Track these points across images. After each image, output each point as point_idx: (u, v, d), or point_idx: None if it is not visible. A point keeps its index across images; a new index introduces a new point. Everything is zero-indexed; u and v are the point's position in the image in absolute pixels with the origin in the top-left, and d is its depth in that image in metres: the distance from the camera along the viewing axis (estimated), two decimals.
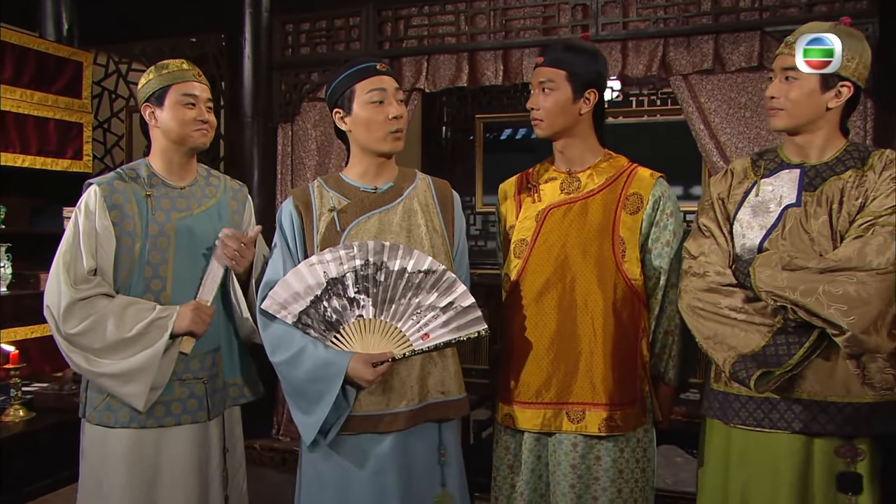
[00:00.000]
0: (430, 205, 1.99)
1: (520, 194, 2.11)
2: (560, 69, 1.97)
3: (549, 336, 1.96)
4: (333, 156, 3.76)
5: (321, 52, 3.82)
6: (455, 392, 1.94)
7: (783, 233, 1.79)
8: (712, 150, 3.22)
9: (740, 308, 1.77)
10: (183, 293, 2.05)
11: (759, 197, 1.85)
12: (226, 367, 2.14)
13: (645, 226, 1.98)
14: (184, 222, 2.07)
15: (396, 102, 1.92)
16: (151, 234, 2.02)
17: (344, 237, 1.88)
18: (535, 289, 1.99)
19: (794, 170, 1.84)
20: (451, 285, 1.83)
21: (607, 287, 1.94)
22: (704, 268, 1.84)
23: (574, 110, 1.98)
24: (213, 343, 2.10)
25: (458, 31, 3.55)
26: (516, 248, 2.05)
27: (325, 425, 1.83)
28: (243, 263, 2.08)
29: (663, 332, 2.02)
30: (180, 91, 2.06)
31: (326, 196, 1.94)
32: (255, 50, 3.83)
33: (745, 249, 1.83)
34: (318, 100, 3.80)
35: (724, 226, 1.88)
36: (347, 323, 1.82)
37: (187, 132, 2.06)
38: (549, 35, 3.41)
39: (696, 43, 3.19)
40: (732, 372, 1.73)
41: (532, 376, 1.98)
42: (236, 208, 2.20)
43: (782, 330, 1.73)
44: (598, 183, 2.01)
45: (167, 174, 2.11)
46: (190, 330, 1.99)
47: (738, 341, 1.76)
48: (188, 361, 2.04)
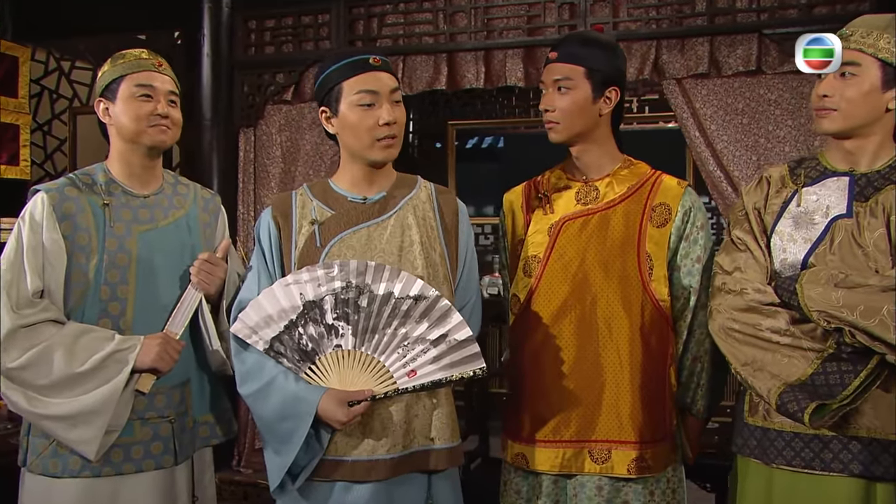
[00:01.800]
0: (430, 218, 1.79)
1: (528, 205, 1.95)
2: (578, 65, 1.81)
3: (568, 364, 1.80)
4: (300, 163, 3.59)
5: (287, 51, 3.65)
6: (447, 439, 1.71)
7: (832, 247, 1.65)
8: (708, 159, 3.12)
9: (785, 330, 1.61)
10: (146, 319, 1.83)
11: (802, 207, 1.71)
12: (196, 403, 1.92)
13: (674, 240, 1.84)
14: (147, 236, 1.86)
15: (390, 105, 1.71)
16: (109, 250, 1.81)
17: (324, 255, 1.70)
18: (549, 311, 1.83)
19: (842, 178, 1.70)
20: (444, 314, 1.65)
21: (633, 309, 1.79)
22: (741, 284, 1.68)
23: (594, 111, 1.83)
24: (182, 375, 1.88)
25: (436, 30, 3.42)
26: (526, 265, 1.89)
27: (296, 468, 1.65)
28: (214, 283, 1.87)
29: (691, 359, 1.88)
30: (134, 82, 1.86)
31: (309, 206, 1.77)
32: (214, 48, 3.63)
33: (787, 265, 1.69)
34: (283, 102, 3.63)
35: (760, 239, 1.74)
36: (324, 353, 1.66)
37: (141, 128, 1.85)
38: (534, 35, 3.29)
39: (691, 45, 3.09)
40: (780, 404, 1.57)
41: (548, 411, 1.82)
42: (208, 221, 1.99)
43: (834, 356, 1.57)
44: (619, 192, 1.87)
45: (127, 180, 1.90)
46: (154, 367, 1.77)
47: (782, 369, 1.60)
48: (152, 397, 1.82)
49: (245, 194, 3.67)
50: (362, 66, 1.71)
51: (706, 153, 3.10)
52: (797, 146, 2.96)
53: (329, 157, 3.49)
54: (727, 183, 3.07)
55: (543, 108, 1.85)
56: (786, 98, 2.98)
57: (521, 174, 2.12)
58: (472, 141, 5.77)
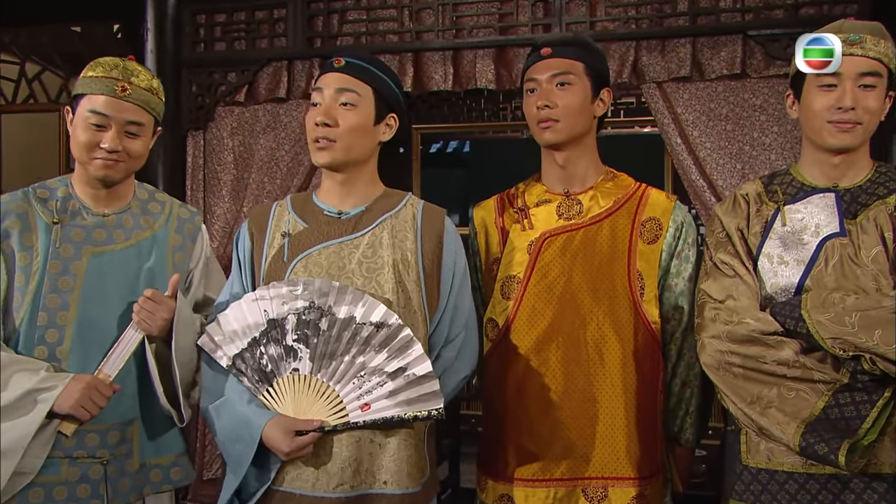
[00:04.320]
0: (409, 239, 1.70)
1: (502, 221, 1.88)
2: (577, 60, 1.77)
3: (556, 395, 1.74)
4: (254, 170, 3.46)
5: (240, 48, 3.50)
6: (403, 484, 1.60)
7: (827, 267, 1.62)
8: (690, 167, 3.06)
9: (793, 362, 1.55)
10: (85, 350, 1.73)
11: (788, 227, 1.67)
12: (144, 445, 1.80)
13: (664, 257, 1.80)
14: (98, 259, 1.78)
15: (332, 104, 1.65)
16: (51, 273, 1.73)
17: (289, 271, 1.66)
18: (532, 336, 1.76)
19: (826, 194, 1.68)
20: (405, 345, 1.57)
21: (625, 332, 1.74)
22: (738, 314, 1.62)
23: (590, 113, 1.80)
24: (127, 413, 1.77)
25: (401, 27, 3.31)
26: (504, 286, 1.81)
27: (246, 493, 1.62)
28: (156, 323, 1.73)
29: (680, 384, 1.83)
30: (90, 106, 1.76)
31: (285, 218, 1.74)
32: (159, 44, 3.47)
33: (779, 289, 1.64)
34: (235, 104, 3.49)
35: (747, 262, 1.69)
36: (282, 376, 1.61)
37: (85, 158, 1.77)
38: (506, 35, 3.21)
39: (672, 47, 3.04)
40: (805, 446, 1.49)
41: (536, 446, 1.74)
42: (180, 243, 1.88)
43: (848, 386, 1.51)
44: (605, 207, 1.82)
45: (88, 197, 1.82)
46: (72, 413, 1.66)
47: (791, 405, 1.54)
48: (83, 435, 1.71)
49: (194, 203, 3.52)
50: (326, 67, 1.71)
51: (688, 161, 3.06)
52: (783, 154, 2.93)
53: (285, 163, 3.36)
54: (710, 192, 3.02)
55: (543, 103, 1.76)
56: (771, 103, 2.95)
57: (489, 181, 2.01)
58: (437, 146, 5.64)
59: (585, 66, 1.76)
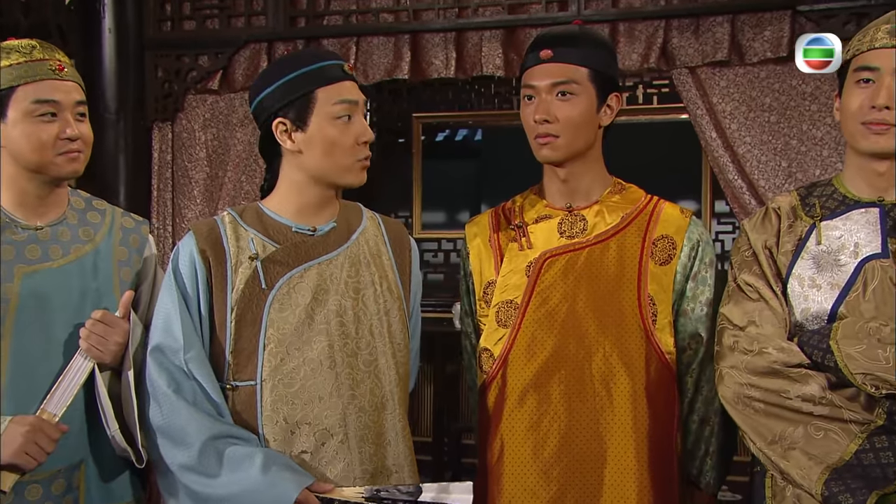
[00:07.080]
0: (384, 254, 1.87)
1: (498, 238, 1.94)
2: (582, 65, 1.81)
3: (558, 436, 1.78)
4: (230, 167, 3.56)
5: (212, 28, 3.60)
6: None
7: (865, 293, 1.65)
8: (727, 165, 3.14)
9: (820, 398, 1.60)
10: (23, 384, 1.75)
11: (824, 245, 1.71)
12: (93, 491, 1.83)
13: (679, 280, 1.85)
14: (33, 279, 1.79)
15: (364, 120, 1.78)
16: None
17: (272, 297, 1.72)
18: (531, 370, 1.81)
19: (870, 209, 1.72)
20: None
21: (636, 365, 1.78)
22: (759, 342, 1.67)
23: (595, 123, 1.84)
24: (72, 458, 1.80)
25: (396, 5, 3.40)
26: (500, 313, 1.86)
27: None
28: (109, 349, 1.78)
29: (698, 421, 1.89)
30: (32, 96, 1.77)
31: (245, 237, 1.77)
32: (118, 21, 3.55)
33: (810, 316, 1.69)
34: (208, 92, 3.59)
35: (775, 284, 1.73)
36: None
37: (48, 159, 1.79)
38: (517, 14, 3.28)
39: (708, 26, 3.10)
40: (828, 495, 1.54)
41: (536, 493, 1.79)
42: (126, 257, 1.92)
43: (884, 428, 1.56)
44: (612, 223, 1.87)
45: (18, 209, 1.83)
46: (14, 462, 1.68)
47: (819, 447, 1.58)
48: (21, 488, 1.72)
49: (160, 205, 3.63)
50: (339, 74, 1.74)
51: (725, 158, 3.12)
52: (838, 150, 2.98)
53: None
54: (751, 195, 3.08)
55: (541, 118, 1.81)
56: (824, 91, 2.99)
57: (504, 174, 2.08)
58: (443, 134, 5.69)
59: (591, 72, 1.79)
